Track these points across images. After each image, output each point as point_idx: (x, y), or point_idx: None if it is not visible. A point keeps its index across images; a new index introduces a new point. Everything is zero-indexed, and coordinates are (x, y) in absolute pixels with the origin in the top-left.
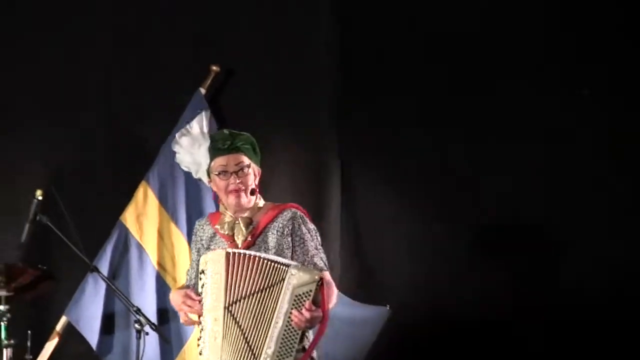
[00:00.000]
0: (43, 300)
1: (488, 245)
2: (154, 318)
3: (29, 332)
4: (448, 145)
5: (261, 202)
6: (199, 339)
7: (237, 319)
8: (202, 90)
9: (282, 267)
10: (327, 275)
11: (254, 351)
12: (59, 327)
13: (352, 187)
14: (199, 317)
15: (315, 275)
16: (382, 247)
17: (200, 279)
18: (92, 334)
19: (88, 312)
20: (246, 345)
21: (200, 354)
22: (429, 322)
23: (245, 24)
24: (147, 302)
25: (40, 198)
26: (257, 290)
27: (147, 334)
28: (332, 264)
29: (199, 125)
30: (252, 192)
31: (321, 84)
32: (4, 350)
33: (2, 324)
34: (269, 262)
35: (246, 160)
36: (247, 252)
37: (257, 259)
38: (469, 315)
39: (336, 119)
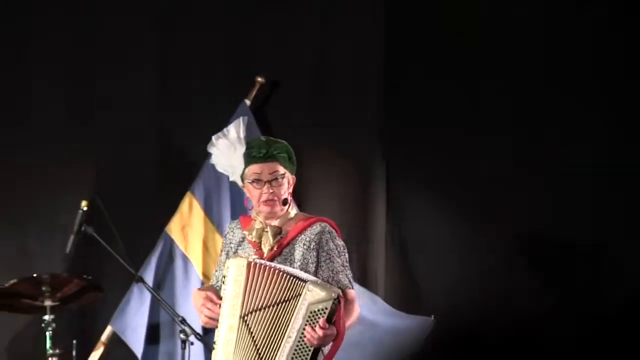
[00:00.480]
0: (88, 310)
1: (537, 255)
2: (198, 328)
3: (74, 341)
4: (496, 152)
5: (293, 212)
6: (214, 342)
7: (251, 330)
8: (247, 102)
9: (299, 282)
10: (351, 293)
11: None
12: (104, 337)
13: (397, 197)
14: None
15: (332, 293)
16: (427, 258)
17: (223, 282)
18: (137, 343)
19: (133, 322)
20: (257, 357)
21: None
22: (474, 333)
23: (290, 36)
24: (192, 312)
25: (85, 209)
26: (273, 302)
27: (192, 344)
28: (376, 274)
29: (235, 130)
30: (285, 202)
31: (366, 96)
32: (50, 359)
33: (48, 333)
34: (288, 276)
35: (281, 169)
36: (269, 263)
37: (277, 271)
38: (515, 326)
39: (382, 130)
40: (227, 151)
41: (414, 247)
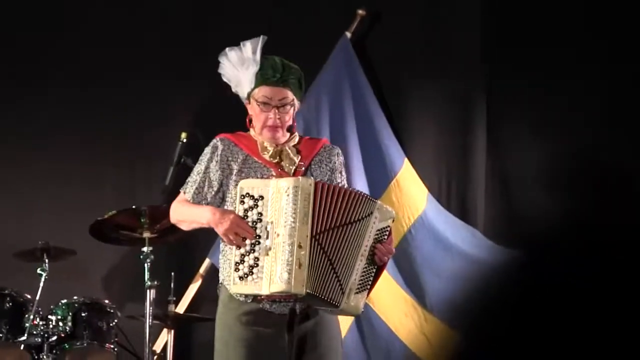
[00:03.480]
0: (186, 242)
1: None
2: None
3: (172, 274)
4: (602, 87)
5: (297, 137)
6: (239, 264)
7: (325, 249)
8: (348, 34)
9: (371, 201)
10: None
11: (341, 281)
12: (202, 269)
13: (498, 130)
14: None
15: (392, 211)
16: (527, 192)
17: (243, 202)
18: None
19: None
20: (333, 274)
21: (241, 278)
22: (575, 268)
23: None
24: None
25: (184, 140)
26: (346, 222)
27: None
28: (476, 207)
29: (252, 47)
30: (289, 129)
31: (468, 28)
32: (148, 291)
33: (146, 265)
34: (360, 196)
35: (290, 95)
36: (334, 184)
37: (346, 191)
38: (619, 268)
39: (483, 63)
40: (237, 64)
41: (514, 181)
